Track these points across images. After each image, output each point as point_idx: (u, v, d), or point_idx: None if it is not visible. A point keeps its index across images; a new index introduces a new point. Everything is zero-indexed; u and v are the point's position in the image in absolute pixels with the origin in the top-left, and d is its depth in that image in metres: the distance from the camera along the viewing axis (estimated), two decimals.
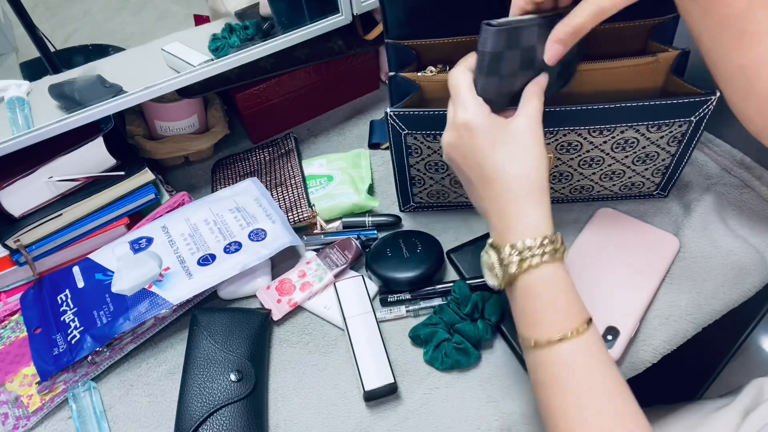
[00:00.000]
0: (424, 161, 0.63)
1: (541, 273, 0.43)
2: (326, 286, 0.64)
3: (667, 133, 0.59)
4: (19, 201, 0.64)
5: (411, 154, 0.63)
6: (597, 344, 0.43)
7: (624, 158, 0.62)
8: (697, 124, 0.58)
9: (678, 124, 0.58)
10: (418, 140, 0.60)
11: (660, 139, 0.60)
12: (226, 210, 0.69)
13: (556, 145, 0.60)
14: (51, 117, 0.61)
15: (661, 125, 0.58)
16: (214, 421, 0.53)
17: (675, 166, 0.64)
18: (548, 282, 0.43)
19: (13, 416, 0.57)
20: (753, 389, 0.63)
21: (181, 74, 0.66)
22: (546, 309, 0.43)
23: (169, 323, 0.63)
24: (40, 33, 0.67)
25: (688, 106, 0.56)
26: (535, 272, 0.43)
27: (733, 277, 0.62)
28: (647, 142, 0.60)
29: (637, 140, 0.59)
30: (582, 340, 0.42)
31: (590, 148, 0.60)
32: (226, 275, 0.62)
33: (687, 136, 0.59)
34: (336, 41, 0.79)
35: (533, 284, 0.43)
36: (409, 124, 0.59)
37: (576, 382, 0.42)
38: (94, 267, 0.65)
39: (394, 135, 0.60)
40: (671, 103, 0.56)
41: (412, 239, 0.65)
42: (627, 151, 0.61)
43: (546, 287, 0.43)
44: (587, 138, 0.59)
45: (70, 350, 0.58)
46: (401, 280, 0.62)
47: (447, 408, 0.55)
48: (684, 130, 0.59)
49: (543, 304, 0.43)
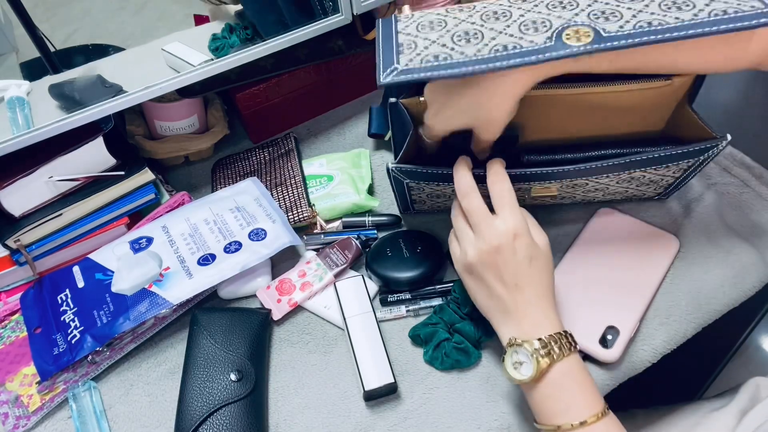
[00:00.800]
0: (426, 193, 0.63)
1: (566, 364, 0.47)
2: (326, 285, 0.64)
3: (674, 168, 0.58)
4: (19, 201, 0.64)
5: (412, 190, 0.63)
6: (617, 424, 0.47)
7: (628, 186, 0.62)
8: (705, 160, 0.57)
9: (686, 162, 0.57)
10: (420, 185, 0.61)
11: (666, 171, 0.59)
12: (226, 210, 0.69)
13: (560, 184, 0.60)
14: (51, 117, 0.61)
15: (669, 165, 0.57)
16: (214, 420, 0.53)
17: (677, 184, 0.64)
18: (572, 372, 0.47)
19: (13, 416, 0.57)
20: (750, 388, 0.63)
21: (181, 74, 0.66)
22: (575, 395, 0.47)
23: (169, 323, 0.63)
24: (40, 33, 0.67)
25: (698, 151, 0.55)
26: (561, 364, 0.47)
27: (732, 276, 0.62)
28: (653, 175, 0.60)
29: (643, 176, 0.59)
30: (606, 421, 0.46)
31: (596, 186, 0.61)
32: (226, 275, 0.62)
33: (693, 167, 0.59)
34: (336, 41, 0.79)
35: (561, 374, 0.47)
36: (411, 176, 0.59)
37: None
38: (94, 267, 0.65)
39: (396, 183, 0.61)
40: (681, 152, 0.55)
41: (412, 239, 0.65)
42: (631, 182, 0.61)
43: (571, 377, 0.47)
44: (592, 180, 0.59)
45: (70, 350, 0.58)
46: (401, 280, 0.62)
47: (447, 408, 0.55)
48: (691, 164, 0.58)
49: (571, 392, 0.47)
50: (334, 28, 0.73)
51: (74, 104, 0.63)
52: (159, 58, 0.71)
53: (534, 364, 0.47)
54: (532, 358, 0.47)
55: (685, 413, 0.65)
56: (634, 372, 0.58)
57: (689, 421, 0.63)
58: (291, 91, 0.82)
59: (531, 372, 0.47)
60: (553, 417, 0.47)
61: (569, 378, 0.47)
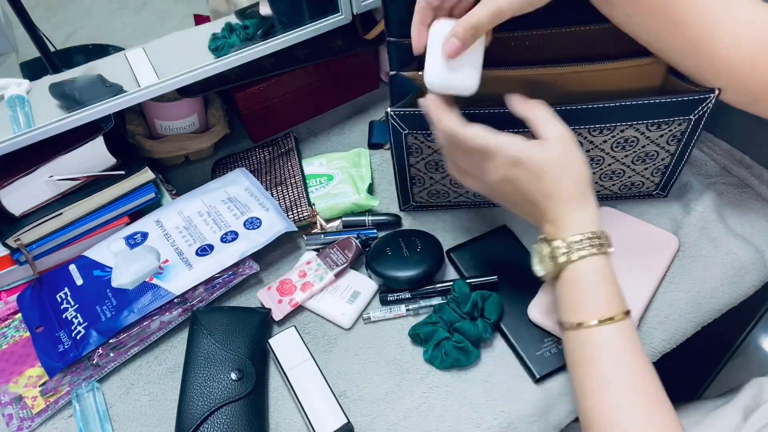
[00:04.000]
0: (424, 161, 0.63)
1: (588, 263, 0.47)
2: (326, 285, 0.64)
3: (666, 131, 0.59)
4: (19, 200, 0.64)
5: (411, 154, 0.63)
6: (632, 331, 0.47)
7: (624, 157, 0.62)
8: (697, 122, 0.58)
9: (677, 122, 0.58)
10: (419, 140, 0.61)
11: (660, 138, 0.60)
12: (219, 201, 0.70)
13: None
14: (51, 116, 0.61)
15: (661, 124, 0.58)
16: (214, 419, 0.53)
17: (675, 165, 0.64)
18: (593, 272, 0.47)
19: (17, 417, 0.57)
20: (753, 389, 0.63)
21: (181, 73, 0.66)
22: (589, 295, 0.47)
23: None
24: (40, 33, 0.67)
25: (687, 104, 0.56)
26: (582, 263, 0.47)
27: (732, 276, 0.62)
28: (647, 141, 0.60)
29: (636, 139, 0.59)
30: (620, 326, 0.46)
31: (590, 148, 0.60)
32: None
33: (686, 134, 0.59)
34: (336, 41, 0.79)
35: (580, 272, 0.47)
36: (410, 123, 0.59)
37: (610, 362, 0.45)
38: (91, 264, 0.65)
39: (395, 134, 0.61)
40: (670, 101, 0.56)
41: (412, 238, 0.65)
42: (627, 150, 0.61)
43: (591, 276, 0.47)
44: (587, 137, 0.59)
45: (75, 346, 0.59)
46: (401, 279, 0.62)
47: (447, 407, 0.56)
48: (683, 128, 0.59)
49: (587, 291, 0.47)
50: (334, 27, 0.73)
51: (74, 103, 0.64)
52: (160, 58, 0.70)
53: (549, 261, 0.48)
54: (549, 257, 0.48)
55: (686, 412, 0.65)
56: None
57: (690, 419, 0.63)
58: (291, 91, 0.82)
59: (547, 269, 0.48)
60: (566, 313, 0.48)
61: (599, 275, 0.47)
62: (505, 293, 0.61)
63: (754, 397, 0.62)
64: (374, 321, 0.62)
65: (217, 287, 0.64)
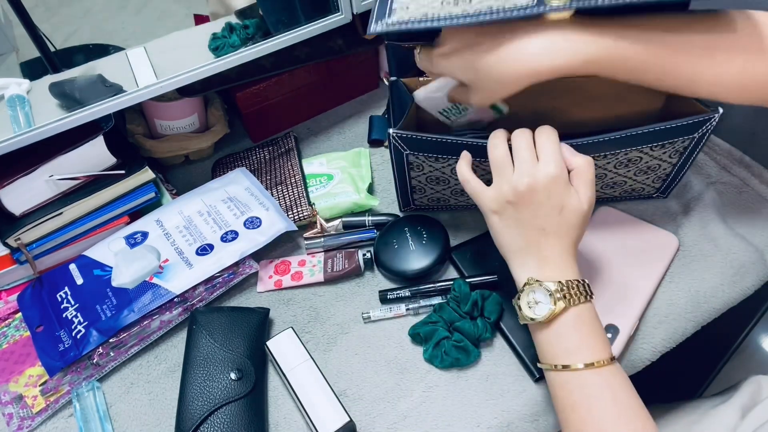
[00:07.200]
0: (425, 176, 0.63)
1: (580, 309, 0.48)
2: (312, 283, 0.66)
3: (670, 149, 0.59)
4: (19, 199, 0.64)
5: (413, 169, 0.63)
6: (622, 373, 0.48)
7: (626, 172, 0.62)
8: (700, 138, 0.57)
9: (681, 140, 0.58)
10: (420, 159, 0.60)
11: (663, 154, 0.59)
12: (219, 200, 0.70)
13: None
14: (51, 115, 0.61)
15: (665, 144, 0.58)
16: (214, 419, 0.53)
17: (676, 173, 0.64)
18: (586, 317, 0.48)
19: (17, 416, 0.57)
20: (751, 386, 0.63)
21: (181, 73, 0.66)
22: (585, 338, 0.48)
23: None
24: (40, 33, 0.67)
25: (692, 125, 0.56)
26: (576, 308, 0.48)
27: (732, 275, 0.62)
28: (650, 158, 0.60)
29: (640, 158, 0.59)
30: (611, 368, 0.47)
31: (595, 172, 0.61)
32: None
33: (689, 149, 0.59)
34: (336, 40, 0.79)
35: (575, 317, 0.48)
36: (410, 145, 0.59)
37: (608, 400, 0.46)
38: (91, 263, 0.65)
39: (396, 154, 0.61)
40: (676, 126, 0.55)
41: (417, 228, 0.66)
42: (629, 167, 0.61)
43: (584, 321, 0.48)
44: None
45: (75, 345, 0.59)
46: (409, 273, 0.63)
47: (446, 406, 0.56)
48: (687, 144, 0.58)
49: (582, 335, 0.48)
50: (334, 27, 0.73)
51: (75, 103, 0.64)
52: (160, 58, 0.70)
53: (552, 303, 0.47)
54: (550, 298, 0.48)
55: (685, 411, 0.65)
56: (634, 370, 0.58)
57: (689, 418, 0.63)
58: (291, 90, 0.82)
59: (546, 311, 0.48)
60: (560, 356, 0.48)
61: (582, 322, 0.48)
62: (505, 293, 0.61)
63: (752, 395, 0.62)
64: (374, 320, 0.62)
65: (217, 286, 0.64)
